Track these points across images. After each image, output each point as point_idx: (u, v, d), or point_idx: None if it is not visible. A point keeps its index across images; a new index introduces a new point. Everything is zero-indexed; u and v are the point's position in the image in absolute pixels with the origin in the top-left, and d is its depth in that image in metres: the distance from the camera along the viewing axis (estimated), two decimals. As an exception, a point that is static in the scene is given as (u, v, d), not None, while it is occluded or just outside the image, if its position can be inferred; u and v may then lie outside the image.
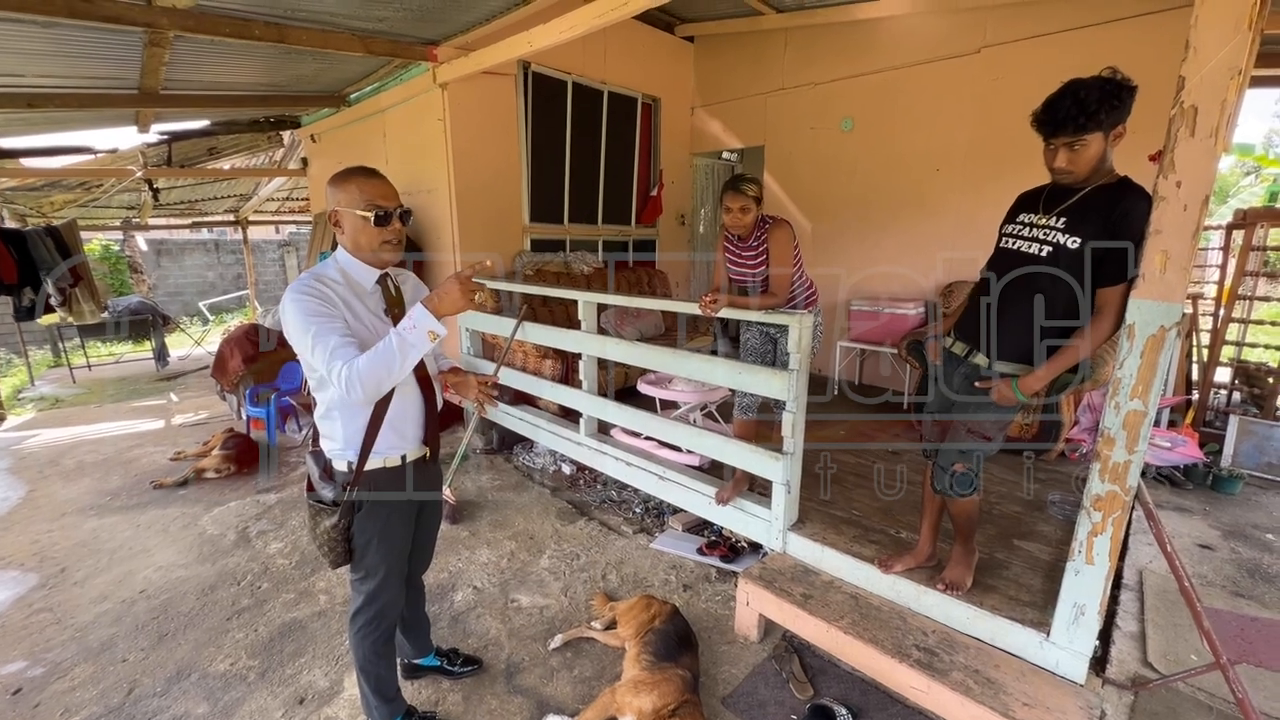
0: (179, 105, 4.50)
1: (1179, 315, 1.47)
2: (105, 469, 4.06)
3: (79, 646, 2.28)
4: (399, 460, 1.58)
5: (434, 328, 1.33)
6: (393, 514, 1.59)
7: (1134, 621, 2.34)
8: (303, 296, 1.36)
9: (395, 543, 1.63)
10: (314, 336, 1.34)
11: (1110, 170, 1.59)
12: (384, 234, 1.45)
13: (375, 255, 1.47)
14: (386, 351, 1.32)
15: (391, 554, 1.62)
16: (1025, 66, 3.75)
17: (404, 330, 1.32)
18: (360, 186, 1.42)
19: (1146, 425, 1.54)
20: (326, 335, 1.34)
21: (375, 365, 1.31)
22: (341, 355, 1.33)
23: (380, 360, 1.31)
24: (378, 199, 1.43)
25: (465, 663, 2.13)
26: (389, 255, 1.49)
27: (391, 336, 1.32)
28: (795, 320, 2.28)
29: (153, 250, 12.14)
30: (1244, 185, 11.90)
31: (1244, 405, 4.57)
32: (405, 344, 1.32)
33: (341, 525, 1.53)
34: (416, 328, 1.32)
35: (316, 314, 1.35)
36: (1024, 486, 2.93)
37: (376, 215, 1.42)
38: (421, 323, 1.32)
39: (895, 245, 4.61)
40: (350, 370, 1.30)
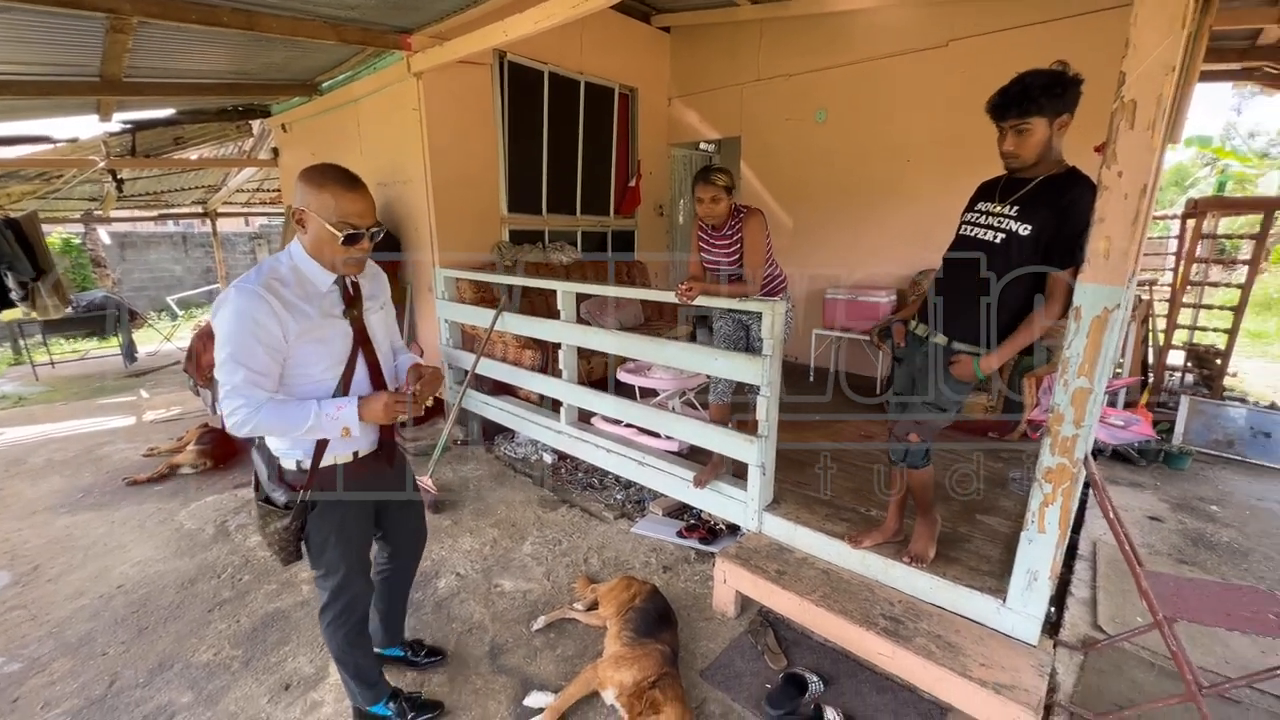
0: (143, 93, 4.38)
1: (1122, 297, 1.57)
2: (75, 466, 3.98)
3: (56, 642, 2.27)
4: (350, 457, 1.55)
5: (351, 426, 1.39)
6: (348, 512, 1.57)
7: (1086, 589, 2.48)
8: (236, 310, 1.29)
9: (353, 539, 1.61)
10: (228, 357, 1.30)
11: (1059, 160, 1.68)
12: (351, 252, 1.40)
13: (333, 267, 1.43)
14: (295, 419, 1.34)
15: (350, 551, 1.60)
16: (992, 59, 3.86)
17: (326, 413, 1.37)
18: (336, 198, 1.34)
19: (1093, 401, 1.65)
20: (237, 367, 1.30)
21: (279, 422, 1.34)
22: (242, 394, 1.30)
23: (284, 422, 1.34)
24: (352, 217, 1.36)
25: (429, 654, 2.13)
26: (349, 271, 1.45)
27: (311, 413, 1.35)
28: (768, 307, 2.35)
29: (116, 243, 11.77)
30: (1201, 176, 12.34)
31: (1195, 386, 4.80)
32: (318, 425, 1.36)
33: (294, 527, 1.50)
34: (337, 420, 1.38)
35: (240, 334, 1.29)
36: (987, 465, 3.06)
37: (346, 236, 1.36)
38: (345, 417, 1.38)
39: (869, 234, 4.71)
40: (253, 415, 1.30)
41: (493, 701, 1.97)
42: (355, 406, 1.38)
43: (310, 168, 1.38)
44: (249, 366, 1.30)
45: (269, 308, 1.30)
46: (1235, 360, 5.30)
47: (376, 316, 1.57)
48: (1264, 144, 15.54)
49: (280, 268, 1.39)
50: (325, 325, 1.42)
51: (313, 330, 1.39)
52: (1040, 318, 1.75)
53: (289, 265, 1.41)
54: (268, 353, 1.33)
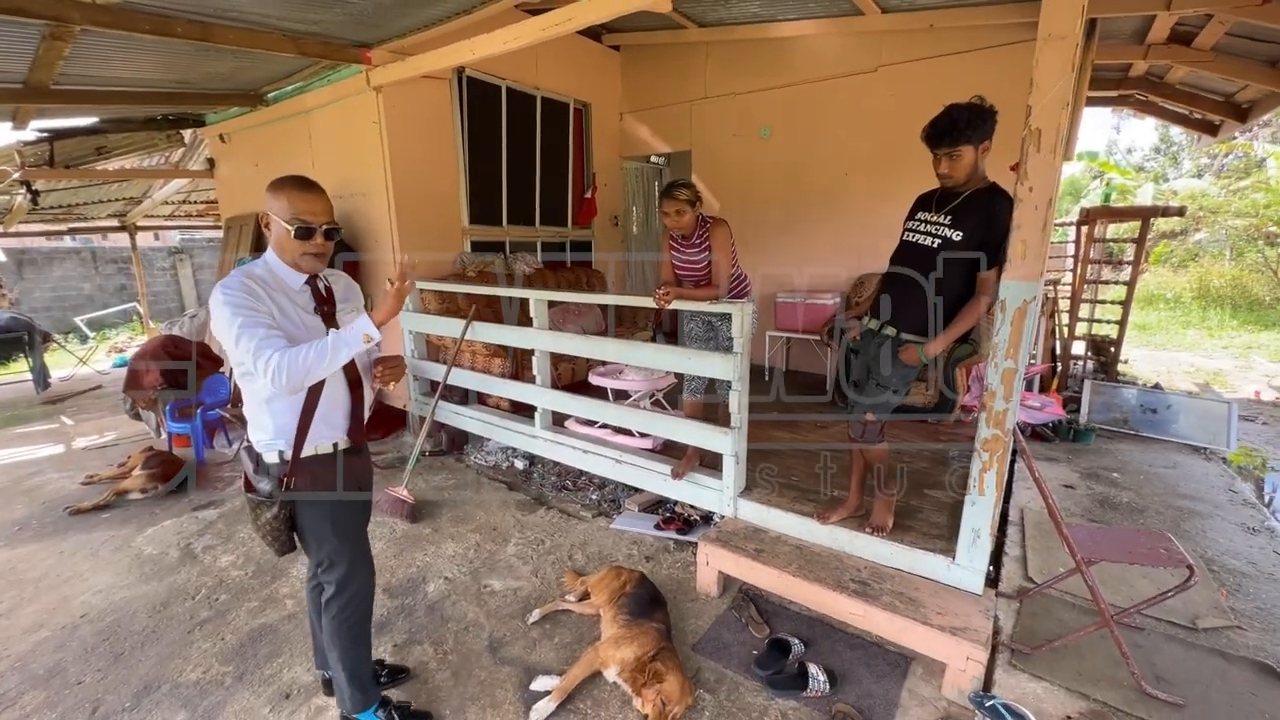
0: (71, 101, 4.15)
1: (1037, 291, 1.87)
2: (4, 499, 3.69)
3: (22, 675, 2.16)
4: (331, 448, 1.63)
5: (370, 331, 1.45)
6: (337, 501, 1.64)
7: (1017, 549, 2.83)
8: (231, 291, 1.43)
9: (348, 530, 1.68)
10: (240, 328, 1.40)
11: (983, 177, 2.00)
12: (304, 247, 1.51)
13: (295, 264, 1.54)
14: (319, 349, 1.42)
15: (347, 540, 1.67)
16: (917, 84, 4.30)
17: (341, 335, 1.44)
18: (290, 198, 1.49)
19: (1018, 379, 1.95)
20: (253, 327, 1.40)
21: (309, 357, 1.40)
22: (270, 345, 1.40)
23: (312, 356, 1.40)
24: (303, 214, 1.50)
25: (392, 674, 2.08)
26: (307, 266, 1.55)
27: (329, 336, 1.43)
28: (738, 308, 2.57)
29: (13, 260, 10.75)
30: (1092, 188, 13.84)
31: (1095, 372, 5.45)
32: (339, 341, 1.43)
33: (282, 515, 1.58)
34: (354, 328, 1.45)
35: (243, 307, 1.42)
36: (929, 447, 3.41)
37: (297, 229, 1.49)
38: (360, 325, 1.45)
39: (813, 242, 5.08)
40: (282, 359, 1.38)
41: (499, 690, 2.05)
42: (365, 315, 1.47)
43: (274, 180, 1.53)
44: (264, 325, 1.42)
45: (249, 291, 1.45)
46: (1126, 349, 6.04)
47: (349, 319, 1.62)
48: (1139, 159, 17.60)
49: (256, 269, 1.53)
50: (301, 318, 1.54)
51: (287, 322, 1.50)
52: (971, 310, 2.05)
53: (264, 268, 1.54)
54: (269, 317, 1.45)
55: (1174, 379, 6.33)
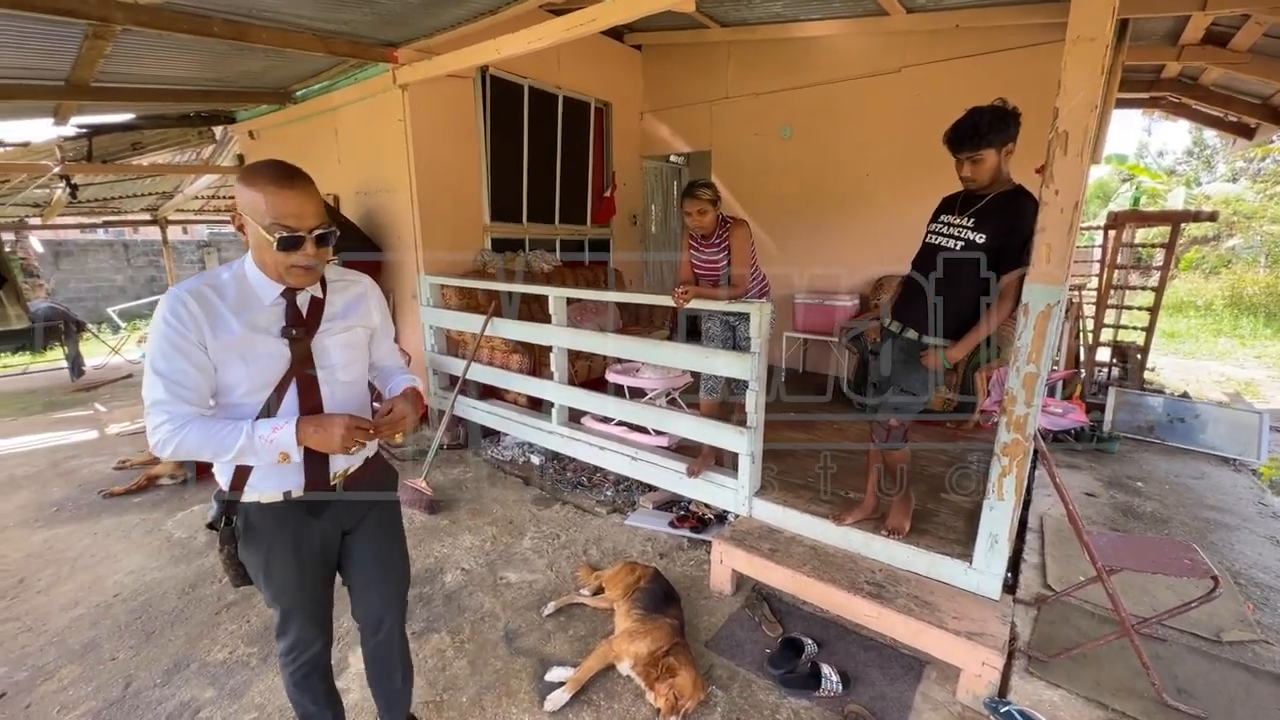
0: (110, 98, 4.28)
1: (1061, 295, 1.86)
2: (42, 481, 3.83)
3: (60, 650, 2.25)
4: (280, 496, 1.31)
5: (290, 450, 1.19)
6: (272, 553, 1.33)
7: (1036, 556, 2.79)
8: (169, 318, 1.15)
9: (279, 583, 1.36)
10: (149, 367, 1.15)
11: (1008, 179, 1.98)
12: (291, 259, 1.19)
13: (279, 277, 1.24)
14: (223, 442, 1.15)
15: (282, 594, 1.38)
16: (941, 85, 4.26)
17: (259, 435, 1.17)
18: (268, 196, 1.15)
19: (1040, 384, 1.93)
20: (156, 379, 1.14)
21: (201, 446, 1.15)
22: (164, 410, 1.14)
23: (210, 445, 1.15)
24: (285, 217, 1.16)
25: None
26: (297, 281, 1.24)
27: (241, 434, 1.16)
28: (756, 308, 2.58)
29: (50, 252, 11.14)
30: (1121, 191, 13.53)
31: (1120, 379, 5.34)
32: (249, 449, 1.17)
33: (225, 551, 1.34)
34: (273, 443, 1.17)
35: (163, 344, 1.15)
36: (948, 450, 3.38)
37: (280, 240, 1.16)
38: (282, 442, 1.18)
39: (832, 243, 5.05)
40: (176, 434, 1.13)
41: (515, 679, 2.09)
42: (293, 427, 1.18)
43: (246, 166, 1.23)
44: (170, 377, 1.15)
45: (186, 312, 1.15)
46: (1153, 356, 5.91)
47: (338, 340, 1.34)
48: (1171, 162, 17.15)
49: (221, 275, 1.24)
50: (252, 342, 1.21)
51: (233, 345, 1.19)
52: (994, 314, 2.04)
53: (233, 274, 1.25)
54: (190, 362, 1.16)
55: (1203, 388, 6.17)
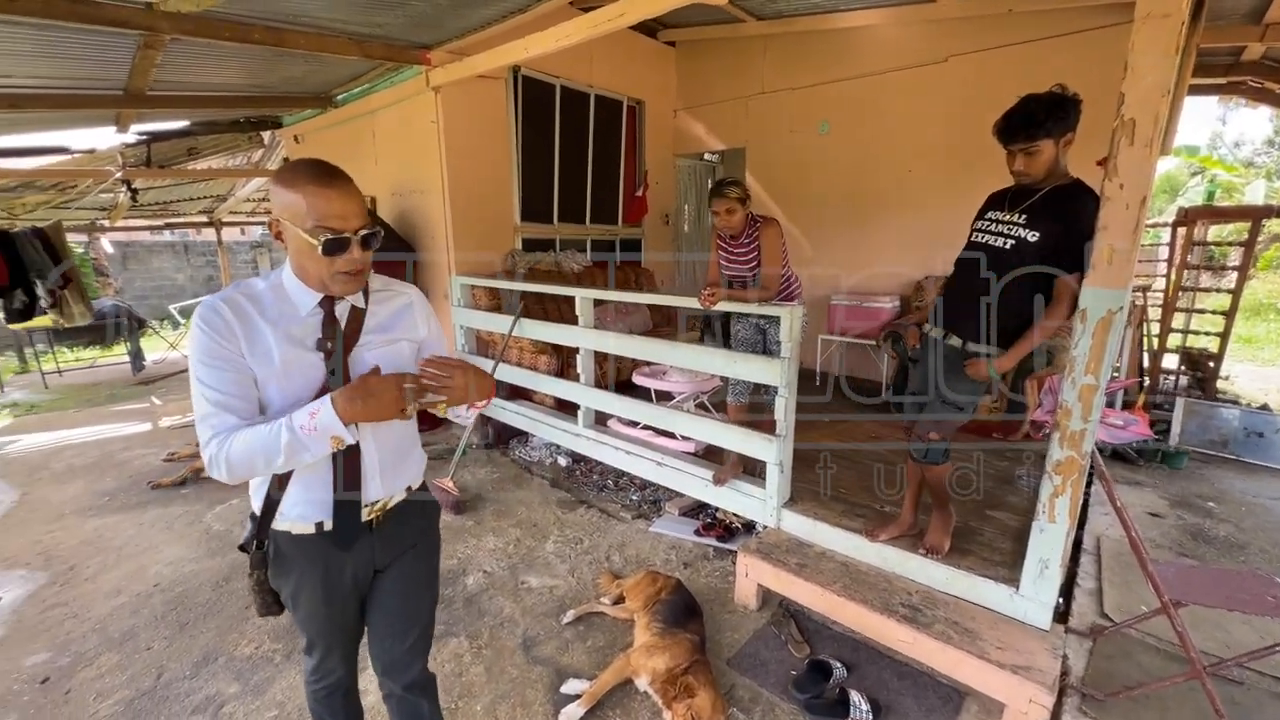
0: (165, 106, 4.49)
1: (1124, 300, 1.69)
2: (97, 471, 4.04)
3: (101, 637, 2.34)
4: (312, 529, 1.21)
5: (339, 433, 1.07)
6: (300, 585, 1.25)
7: (1092, 580, 2.58)
8: (204, 327, 1.08)
9: (307, 613, 1.29)
10: (195, 380, 1.09)
11: (1065, 172, 1.81)
12: (336, 264, 1.11)
13: (322, 286, 1.16)
14: (268, 444, 1.06)
15: (308, 624, 1.32)
16: (991, 75, 4.01)
17: (299, 425, 1.05)
18: (309, 197, 1.07)
19: (1098, 397, 1.76)
20: (202, 391, 1.08)
21: (249, 455, 1.06)
22: (214, 424, 1.07)
23: (256, 451, 1.06)
24: (330, 219, 1.08)
25: None
26: (341, 289, 1.16)
27: (282, 430, 1.06)
28: (787, 312, 2.46)
29: (119, 252, 11.85)
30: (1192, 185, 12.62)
31: (1189, 389, 4.95)
32: (296, 443, 1.06)
33: (255, 577, 1.26)
34: (317, 429, 1.06)
35: (204, 355, 1.08)
36: (994, 464, 3.18)
37: (325, 244, 1.08)
38: (325, 424, 1.06)
39: (871, 242, 4.85)
40: (221, 449, 1.06)
41: (530, 690, 2.05)
42: (329, 406, 1.06)
43: (282, 167, 1.14)
44: (214, 387, 1.08)
45: (222, 321, 1.09)
46: (1227, 364, 5.45)
47: (378, 354, 1.23)
48: (1249, 153, 15.90)
49: (257, 285, 1.17)
50: (287, 356, 1.13)
51: (268, 360, 1.12)
52: (1048, 320, 1.87)
53: (269, 284, 1.17)
54: (233, 371, 1.09)
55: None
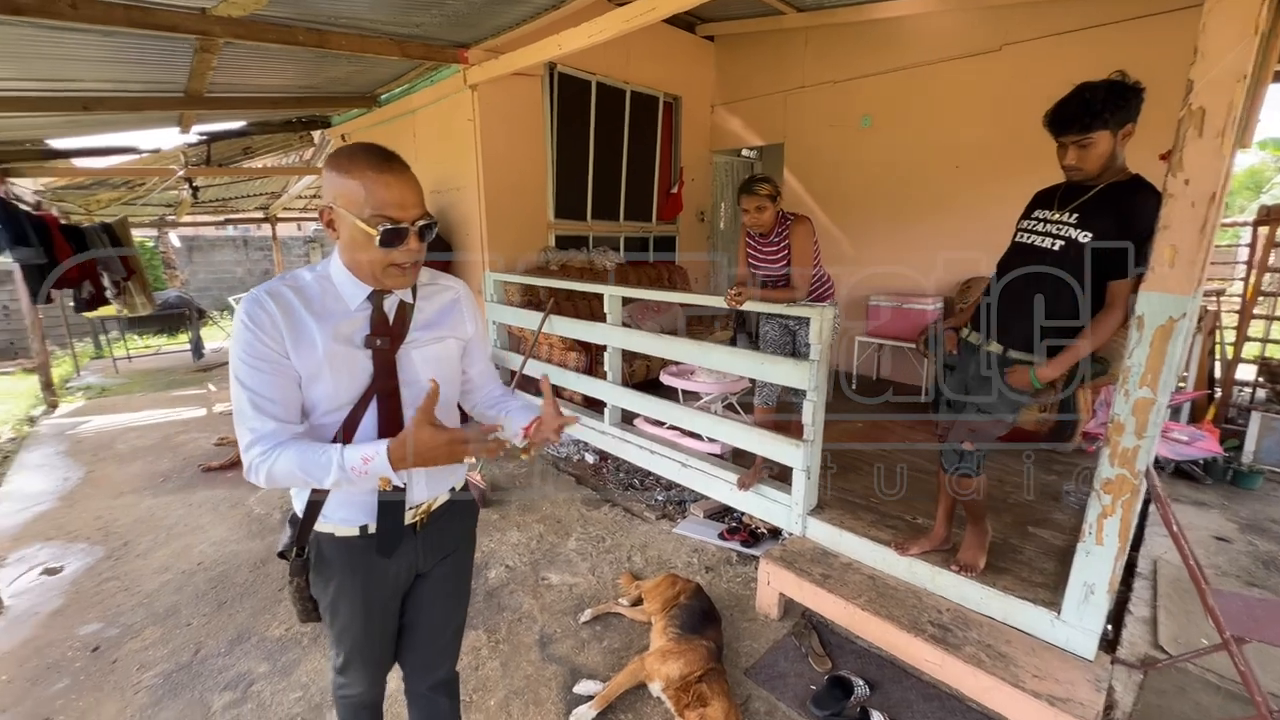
0: (221, 107, 4.70)
1: (1187, 307, 1.54)
2: (155, 453, 4.29)
3: (147, 611, 2.47)
4: (355, 531, 1.16)
5: (389, 476, 1.02)
6: (340, 591, 1.19)
7: (1146, 608, 2.40)
8: (247, 322, 1.01)
9: (344, 624, 1.23)
10: (234, 381, 1.03)
11: (1122, 168, 1.67)
12: (393, 256, 1.04)
13: (374, 279, 1.08)
14: (312, 473, 1.01)
15: (344, 636, 1.24)
16: (1047, 64, 3.78)
17: (350, 461, 1.00)
18: (368, 185, 1.00)
19: (1155, 412, 1.62)
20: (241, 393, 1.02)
21: (291, 475, 1.01)
22: (254, 428, 1.02)
23: (299, 474, 1.01)
24: (388, 207, 1.01)
25: None
26: (392, 282, 1.09)
27: (332, 467, 1.00)
28: (817, 313, 2.38)
29: (185, 246, 12.57)
30: (1278, 181, 11.62)
31: (1267, 402, 4.55)
32: (344, 480, 1.01)
33: (295, 584, 1.21)
34: (369, 473, 1.01)
35: (244, 354, 1.01)
36: (1040, 477, 2.99)
37: (384, 233, 1.01)
38: (376, 467, 1.00)
39: (914, 241, 4.65)
40: (264, 462, 1.01)
41: (544, 688, 2.05)
42: (385, 457, 1.00)
43: (337, 151, 1.05)
44: (255, 390, 1.02)
45: (266, 316, 1.02)
46: (1313, 376, 4.97)
47: (426, 352, 1.18)
48: (1348, 146, 14.51)
49: (303, 276, 1.10)
50: (335, 354, 1.07)
51: (316, 357, 1.06)
52: (1100, 327, 1.73)
53: (318, 274, 1.11)
54: (276, 372, 1.03)
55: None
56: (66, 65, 3.50)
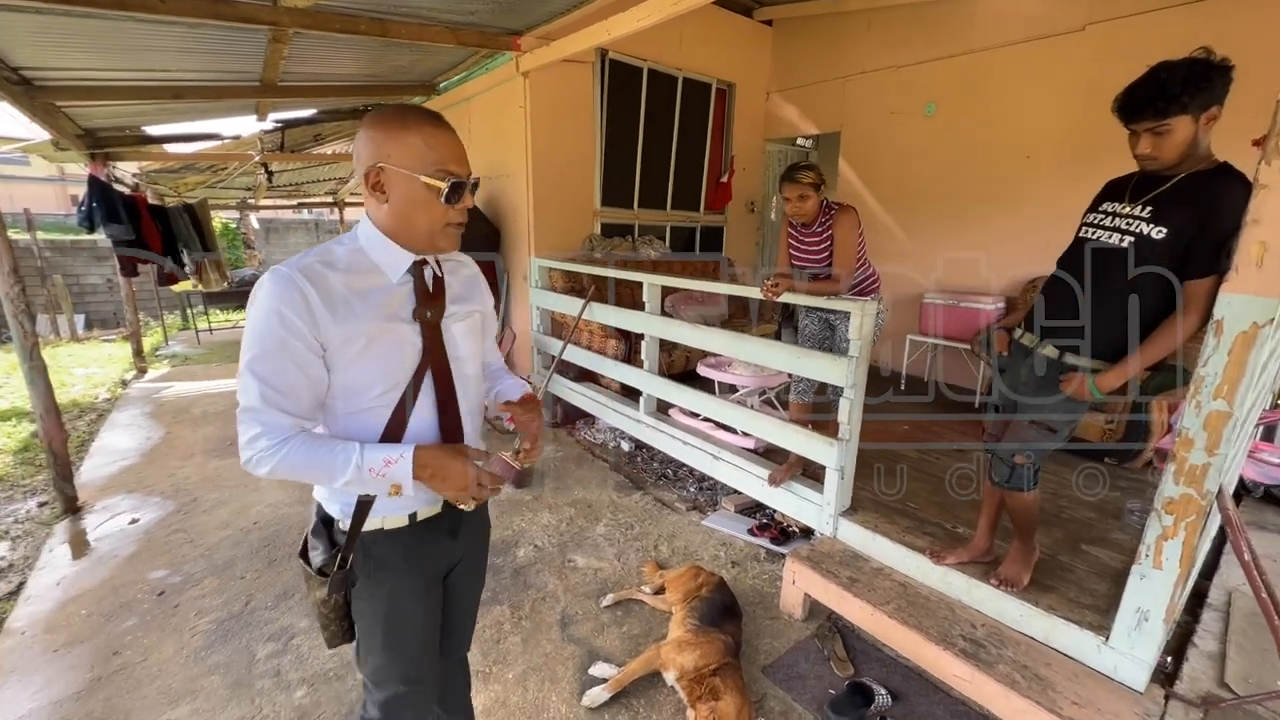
0: (294, 95, 4.97)
1: (1275, 312, 1.38)
2: (224, 419, 4.63)
3: (207, 563, 2.68)
4: (406, 520, 1.11)
5: (404, 485, 0.99)
6: (396, 590, 1.12)
7: (1214, 642, 2.19)
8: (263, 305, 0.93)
9: (404, 632, 1.15)
10: (245, 366, 0.93)
11: (1206, 155, 1.50)
12: (451, 214, 1.02)
13: (429, 241, 1.04)
14: (323, 471, 0.96)
15: (398, 650, 1.15)
16: (1138, 44, 3.45)
17: (370, 462, 0.97)
18: (428, 139, 0.97)
19: (1231, 428, 1.46)
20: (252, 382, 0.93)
21: (308, 467, 0.96)
22: (259, 421, 0.93)
23: (308, 473, 0.96)
24: (451, 162, 0.99)
25: None
26: (447, 243, 1.06)
27: (352, 458, 0.96)
28: (858, 307, 2.28)
29: (263, 229, 13.43)
30: None
31: (1386, 426, 4.04)
32: (357, 481, 0.97)
33: (333, 601, 1.10)
34: (386, 476, 0.97)
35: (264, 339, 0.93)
36: (1101, 493, 2.78)
37: (451, 187, 0.99)
38: (395, 474, 0.98)
39: (978, 235, 4.39)
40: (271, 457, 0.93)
41: (561, 666, 2.09)
42: (410, 462, 0.98)
43: (381, 112, 1.00)
44: (269, 383, 0.93)
45: (301, 300, 0.93)
46: None
47: (462, 326, 1.14)
48: None
49: (336, 250, 1.02)
50: (385, 331, 1.02)
51: (361, 336, 0.99)
52: (1172, 332, 1.58)
53: (350, 248, 1.03)
54: (297, 364, 0.95)
55: None
56: (159, 56, 3.78)
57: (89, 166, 5.55)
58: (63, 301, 8.71)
